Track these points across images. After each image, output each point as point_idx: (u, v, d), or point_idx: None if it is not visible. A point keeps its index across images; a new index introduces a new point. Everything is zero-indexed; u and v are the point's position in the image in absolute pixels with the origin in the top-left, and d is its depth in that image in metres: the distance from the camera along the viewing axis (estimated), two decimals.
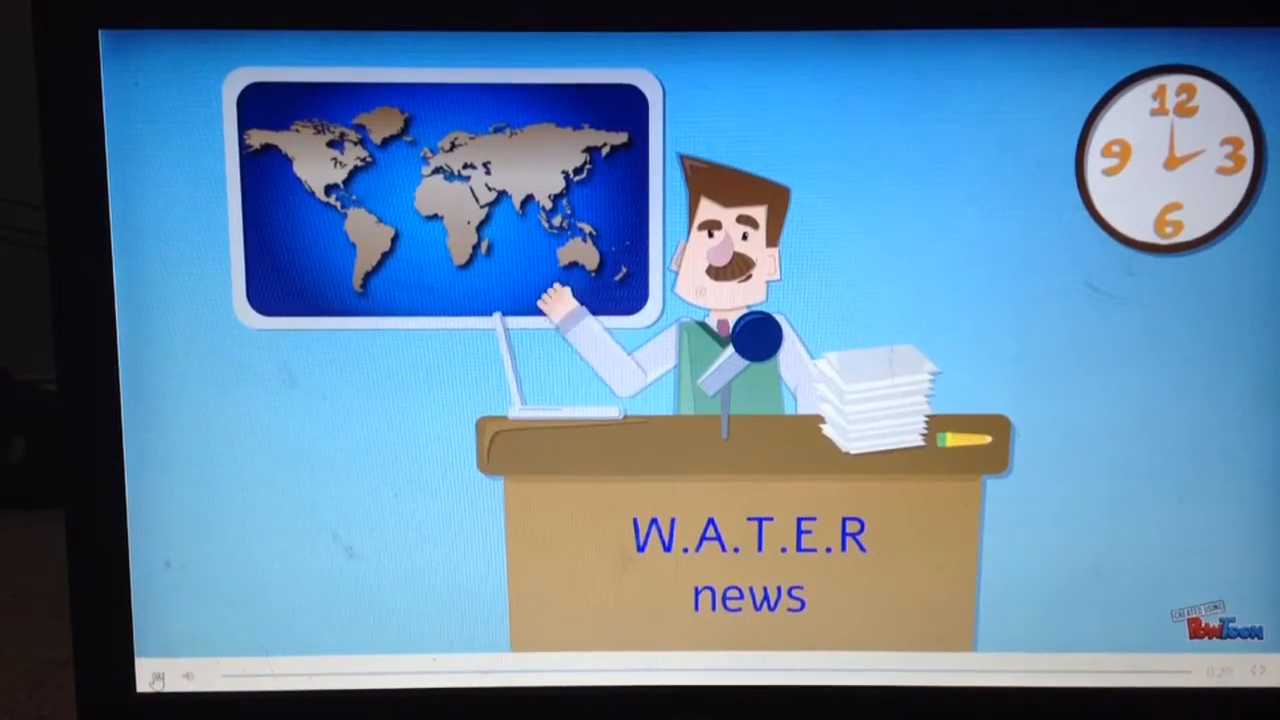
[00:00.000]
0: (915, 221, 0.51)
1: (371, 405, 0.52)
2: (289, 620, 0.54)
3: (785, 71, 0.50)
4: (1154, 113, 0.50)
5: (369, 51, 0.49)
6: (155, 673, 0.54)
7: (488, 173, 0.51)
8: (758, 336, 0.52)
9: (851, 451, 0.53)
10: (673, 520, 0.54)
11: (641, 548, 0.54)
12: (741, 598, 0.55)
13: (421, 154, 0.50)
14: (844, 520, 0.54)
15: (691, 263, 0.52)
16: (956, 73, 0.50)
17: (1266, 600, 0.54)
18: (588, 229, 0.51)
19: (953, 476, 0.53)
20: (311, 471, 0.53)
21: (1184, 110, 0.50)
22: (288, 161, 0.50)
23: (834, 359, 0.52)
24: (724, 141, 0.50)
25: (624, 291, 0.52)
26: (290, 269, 0.51)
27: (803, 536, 0.54)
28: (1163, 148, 0.50)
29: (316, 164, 0.50)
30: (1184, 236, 0.51)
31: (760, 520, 0.54)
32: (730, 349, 0.52)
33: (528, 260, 0.51)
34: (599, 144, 0.50)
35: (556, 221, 0.51)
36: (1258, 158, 0.50)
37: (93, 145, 0.50)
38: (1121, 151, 0.50)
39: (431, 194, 0.51)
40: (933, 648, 0.55)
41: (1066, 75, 0.50)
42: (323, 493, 0.53)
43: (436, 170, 0.51)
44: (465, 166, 0.50)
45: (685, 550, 0.54)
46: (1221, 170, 0.51)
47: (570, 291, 0.52)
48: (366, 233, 0.51)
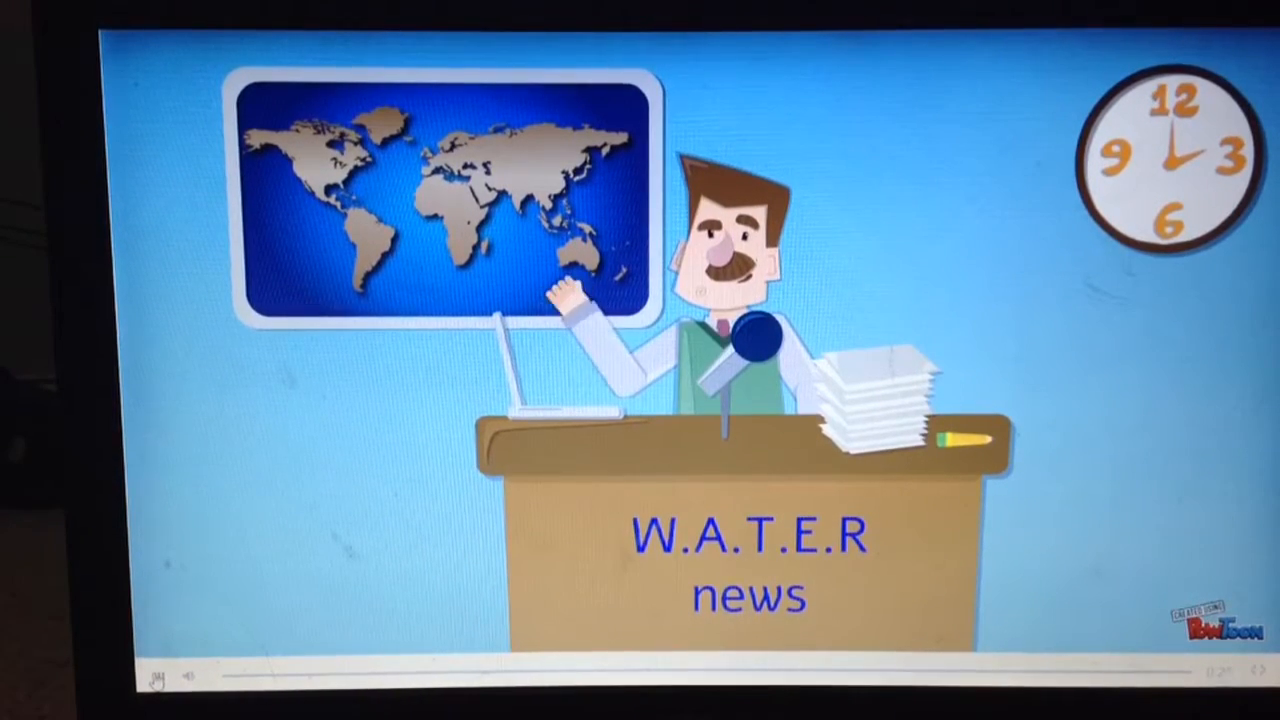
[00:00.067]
0: (915, 221, 0.51)
1: (371, 405, 0.52)
2: (289, 620, 0.54)
3: (785, 71, 0.50)
4: (1154, 113, 0.50)
5: (369, 51, 0.49)
6: (155, 673, 0.54)
7: (488, 173, 0.51)
8: (758, 336, 0.52)
9: (851, 451, 0.53)
10: (673, 520, 0.54)
11: (641, 548, 0.54)
12: (741, 598, 0.55)
13: (421, 154, 0.50)
14: (844, 520, 0.54)
15: (691, 262, 0.52)
16: (956, 73, 0.50)
17: (1266, 600, 0.54)
18: (588, 229, 0.51)
19: (953, 476, 0.53)
20: (311, 471, 0.53)
21: (1184, 110, 0.50)
22: (288, 161, 0.50)
23: (834, 359, 0.52)
24: (724, 141, 0.50)
25: (624, 291, 0.52)
26: (290, 269, 0.51)
27: (803, 536, 0.54)
28: (1163, 148, 0.50)
29: (316, 164, 0.50)
30: (1184, 236, 0.51)
31: (760, 520, 0.54)
32: (730, 349, 0.52)
33: (528, 260, 0.51)
34: (599, 144, 0.50)
35: (556, 221, 0.51)
36: (1258, 158, 0.50)
37: (93, 145, 0.50)
38: (1121, 151, 0.50)
39: (431, 194, 0.51)
40: (933, 648, 0.55)
41: (1066, 75, 0.50)
42: (322, 492, 0.53)
43: (436, 170, 0.51)
44: (465, 166, 0.50)
45: (685, 550, 0.54)
46: (1221, 170, 0.51)
47: (581, 285, 0.51)
48: (366, 233, 0.51)
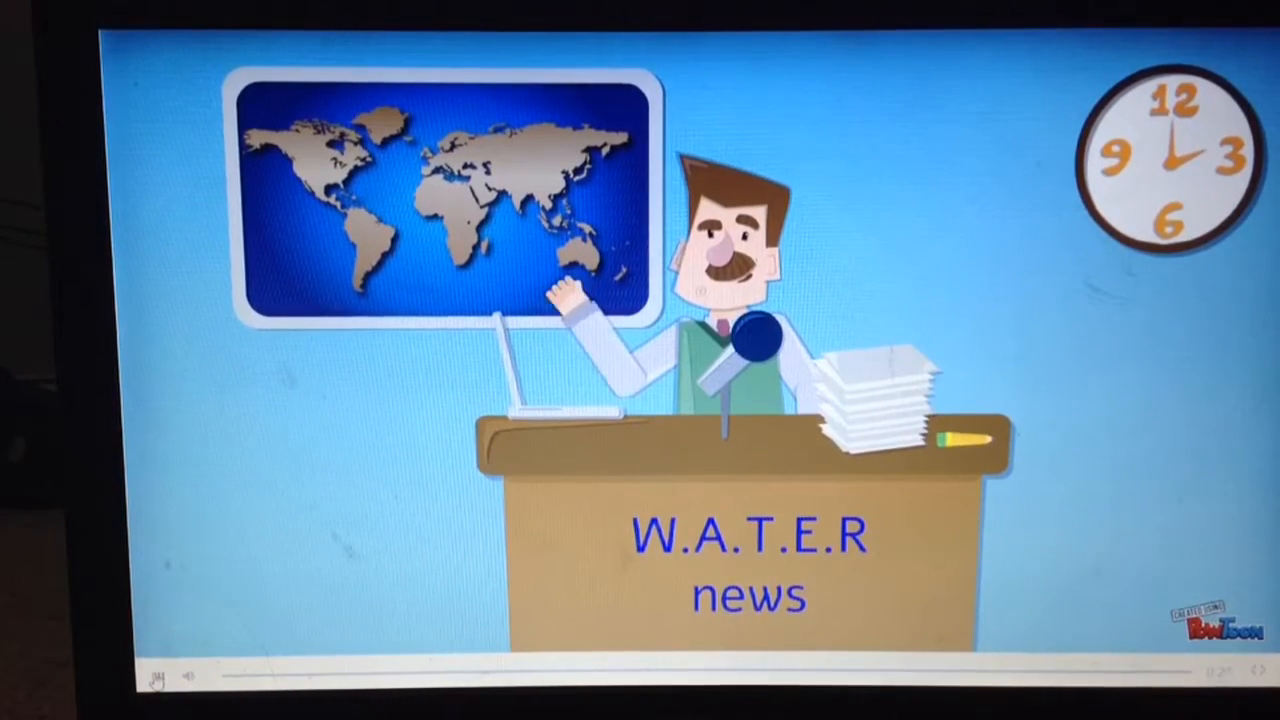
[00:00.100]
0: (915, 221, 0.51)
1: (371, 405, 0.52)
2: (289, 620, 0.54)
3: (785, 71, 0.50)
4: (1154, 113, 0.50)
5: (369, 51, 0.49)
6: (155, 673, 0.54)
7: (488, 173, 0.51)
8: (758, 336, 0.52)
9: (851, 451, 0.53)
10: (673, 520, 0.54)
11: (641, 548, 0.54)
12: (741, 598, 0.55)
13: (421, 154, 0.50)
14: (844, 520, 0.54)
15: (691, 262, 0.52)
16: (956, 73, 0.50)
17: (1266, 600, 0.54)
18: (588, 229, 0.51)
19: (953, 476, 0.53)
20: (311, 471, 0.53)
21: (1184, 110, 0.50)
22: (288, 161, 0.50)
23: (834, 359, 0.52)
24: (724, 141, 0.50)
25: (624, 291, 0.52)
26: (290, 269, 0.51)
27: (803, 536, 0.54)
28: (1163, 148, 0.50)
29: (316, 164, 0.50)
30: (1184, 236, 0.51)
31: (760, 520, 0.54)
32: (730, 349, 0.52)
33: (528, 260, 0.51)
34: (599, 144, 0.50)
35: (556, 221, 0.51)
36: (1258, 158, 0.50)
37: (93, 145, 0.50)
38: (1121, 151, 0.50)
39: (431, 194, 0.51)
40: (933, 648, 0.55)
41: (1066, 75, 0.50)
42: (322, 492, 0.53)
43: (436, 170, 0.51)
44: (465, 166, 0.50)
45: (685, 550, 0.54)
46: (1221, 170, 0.51)
47: (581, 285, 0.51)
48: (366, 233, 0.51)
